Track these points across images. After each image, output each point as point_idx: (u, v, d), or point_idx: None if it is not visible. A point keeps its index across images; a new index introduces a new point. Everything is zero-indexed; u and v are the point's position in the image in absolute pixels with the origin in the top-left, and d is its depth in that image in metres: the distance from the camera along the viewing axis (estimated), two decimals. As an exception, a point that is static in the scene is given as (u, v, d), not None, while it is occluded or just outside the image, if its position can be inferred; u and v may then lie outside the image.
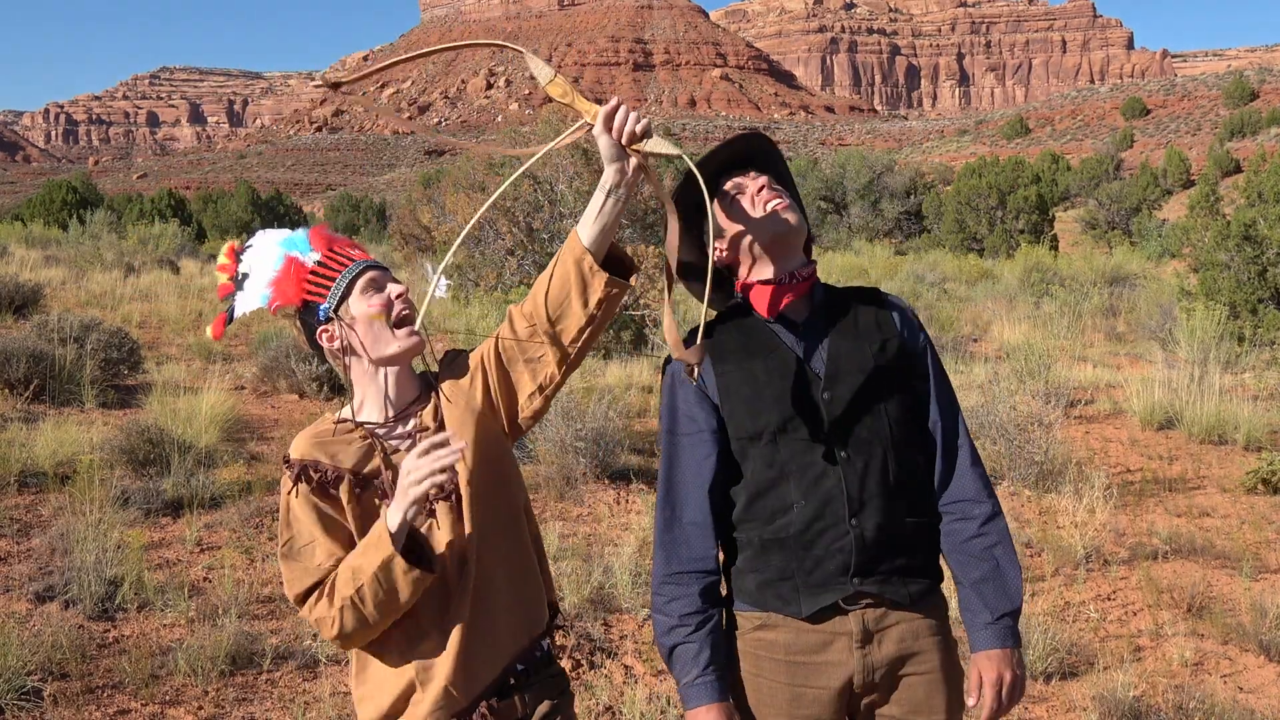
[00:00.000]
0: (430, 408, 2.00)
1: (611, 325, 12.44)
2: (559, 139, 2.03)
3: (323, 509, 1.91)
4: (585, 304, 1.94)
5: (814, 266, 2.14)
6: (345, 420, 1.99)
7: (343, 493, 1.91)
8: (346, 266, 1.97)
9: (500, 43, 2.01)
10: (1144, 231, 37.54)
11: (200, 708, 3.78)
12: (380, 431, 1.98)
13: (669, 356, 2.09)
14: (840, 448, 2.03)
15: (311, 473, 1.91)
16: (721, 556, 2.13)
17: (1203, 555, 5.75)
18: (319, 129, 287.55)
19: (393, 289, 1.96)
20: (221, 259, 2.04)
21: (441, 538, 1.93)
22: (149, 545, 5.29)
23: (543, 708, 2.00)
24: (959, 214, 34.99)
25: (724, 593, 2.12)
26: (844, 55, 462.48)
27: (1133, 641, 4.64)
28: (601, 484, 6.84)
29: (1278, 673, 4.37)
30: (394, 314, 1.95)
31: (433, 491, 1.81)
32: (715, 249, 2.12)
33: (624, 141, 1.87)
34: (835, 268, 22.05)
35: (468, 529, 1.94)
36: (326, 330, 1.97)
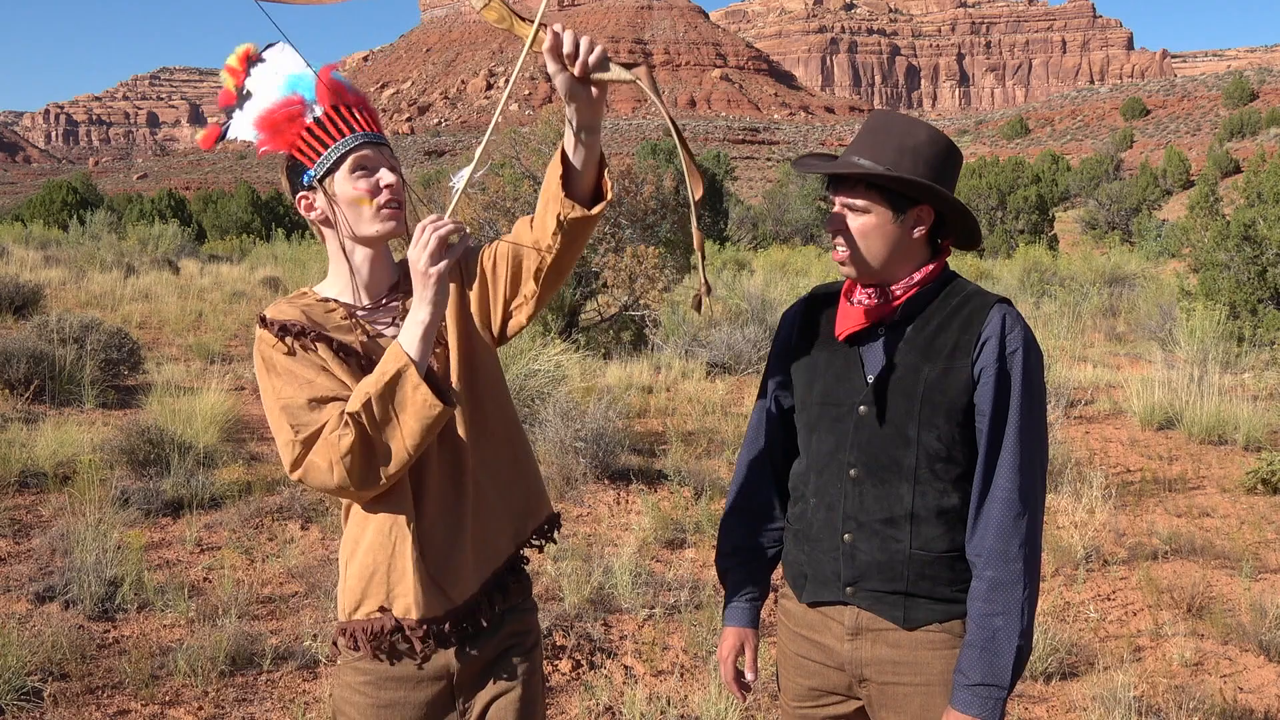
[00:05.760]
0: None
1: (611, 326, 12.45)
2: (512, 77, 1.74)
3: (311, 358, 1.81)
4: (553, 219, 1.82)
5: (885, 302, 1.98)
6: (327, 298, 1.90)
7: (323, 353, 1.81)
8: (344, 136, 1.82)
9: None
10: (1144, 232, 37.55)
11: (200, 708, 3.78)
12: (360, 313, 1.89)
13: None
14: (855, 466, 1.98)
15: (290, 327, 1.82)
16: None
17: (1203, 555, 5.75)
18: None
19: (384, 176, 1.84)
20: (232, 60, 1.88)
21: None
22: (149, 546, 5.29)
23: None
24: (959, 214, 34.95)
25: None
26: (844, 55, 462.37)
27: (1133, 641, 4.63)
28: (601, 484, 6.83)
29: (1278, 673, 4.37)
30: (378, 201, 1.83)
31: (447, 262, 1.68)
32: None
33: (578, 74, 1.70)
34: (836, 268, 22.01)
35: (460, 428, 1.87)
36: (307, 197, 1.87)
